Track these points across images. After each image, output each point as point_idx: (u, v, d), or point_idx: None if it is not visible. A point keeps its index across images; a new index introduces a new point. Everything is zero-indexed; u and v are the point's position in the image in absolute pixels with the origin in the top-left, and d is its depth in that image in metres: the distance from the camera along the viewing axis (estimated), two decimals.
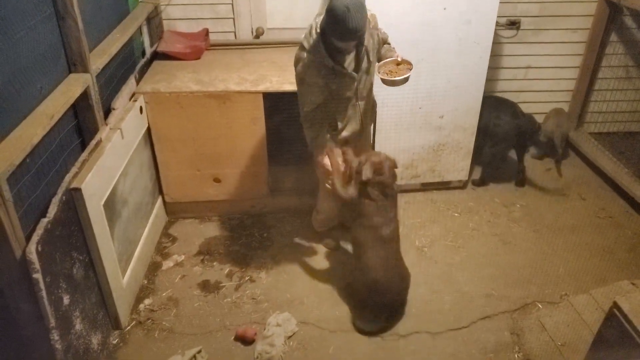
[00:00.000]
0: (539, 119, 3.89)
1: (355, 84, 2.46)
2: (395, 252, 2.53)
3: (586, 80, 3.88)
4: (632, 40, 3.76)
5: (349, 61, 2.40)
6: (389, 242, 2.49)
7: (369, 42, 2.42)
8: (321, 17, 2.31)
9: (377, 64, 2.49)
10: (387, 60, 2.47)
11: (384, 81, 2.45)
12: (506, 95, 3.82)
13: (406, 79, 2.43)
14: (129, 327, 2.55)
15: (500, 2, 2.98)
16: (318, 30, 2.31)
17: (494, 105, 3.55)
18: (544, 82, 3.97)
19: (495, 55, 3.71)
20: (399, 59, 2.46)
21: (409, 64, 2.45)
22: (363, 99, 2.56)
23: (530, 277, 2.87)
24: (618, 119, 3.99)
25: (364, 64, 2.45)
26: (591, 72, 3.84)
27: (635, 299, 1.94)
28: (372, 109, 2.74)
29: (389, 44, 2.60)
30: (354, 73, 2.42)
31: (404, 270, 2.59)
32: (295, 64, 2.39)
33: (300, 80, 2.40)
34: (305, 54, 2.33)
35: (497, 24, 3.38)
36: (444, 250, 3.08)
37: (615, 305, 1.93)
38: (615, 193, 3.56)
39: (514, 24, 3.71)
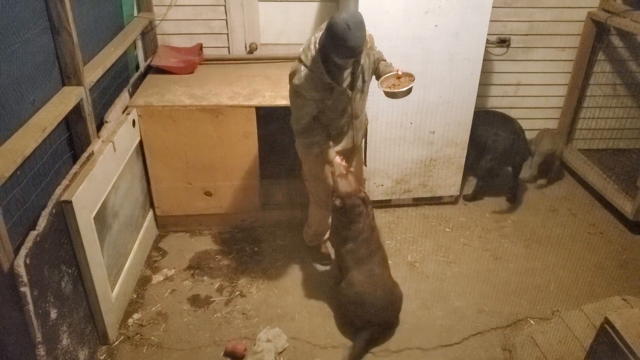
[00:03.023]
0: (529, 135, 3.94)
1: (351, 101, 2.49)
2: (379, 266, 2.53)
3: (575, 98, 3.94)
4: (619, 59, 3.84)
5: (345, 78, 2.42)
6: (368, 260, 2.50)
7: (365, 61, 2.44)
8: (321, 33, 2.33)
9: (380, 78, 2.49)
10: (388, 75, 2.47)
11: (387, 94, 2.44)
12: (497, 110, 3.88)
13: (409, 91, 2.42)
14: (116, 342, 2.52)
15: (490, 21, 3.04)
16: (317, 46, 2.32)
17: (493, 121, 3.59)
18: (533, 99, 4.03)
19: (486, 72, 3.77)
20: (400, 73, 2.47)
21: (410, 76, 2.46)
22: (357, 117, 2.59)
23: (522, 292, 2.88)
24: (606, 136, 4.06)
25: (359, 83, 2.47)
26: (579, 90, 3.91)
27: (627, 314, 1.95)
28: (364, 127, 2.76)
29: (384, 60, 2.63)
30: (348, 90, 2.44)
31: (393, 288, 2.57)
32: (291, 77, 2.39)
33: (295, 93, 2.39)
34: (302, 67, 2.34)
35: (488, 41, 3.45)
36: (436, 265, 3.08)
37: (607, 321, 1.94)
38: (605, 209, 3.60)
39: (504, 42, 3.78)
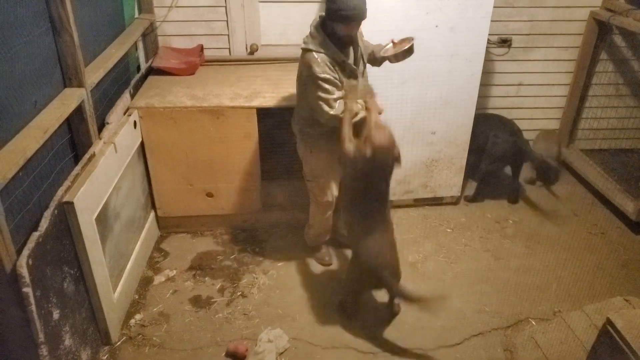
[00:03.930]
0: (531, 135, 3.94)
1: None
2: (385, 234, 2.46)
3: (577, 98, 3.93)
4: (622, 58, 3.82)
5: (351, 60, 2.49)
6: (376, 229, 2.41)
7: (361, 45, 2.54)
8: (317, 22, 2.42)
9: (378, 54, 2.60)
10: (386, 47, 2.56)
11: (389, 58, 2.52)
12: (498, 112, 3.88)
13: (411, 50, 2.49)
14: (119, 343, 2.53)
15: (491, 20, 3.03)
16: (319, 30, 2.39)
17: (492, 123, 3.59)
18: (535, 99, 4.02)
19: (487, 72, 3.76)
20: (396, 41, 2.55)
21: (407, 39, 2.53)
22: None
23: (523, 293, 2.87)
24: (609, 136, 4.04)
25: (360, 66, 2.55)
26: (582, 90, 3.89)
27: (628, 315, 1.95)
28: None
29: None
30: (355, 67, 2.50)
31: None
32: (307, 68, 2.38)
33: (322, 79, 2.36)
34: (315, 54, 2.37)
35: (489, 41, 3.44)
36: (437, 266, 3.08)
37: (609, 321, 1.94)
38: (607, 209, 3.59)
39: (505, 42, 3.77)
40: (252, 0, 3.47)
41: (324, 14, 2.43)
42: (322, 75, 2.36)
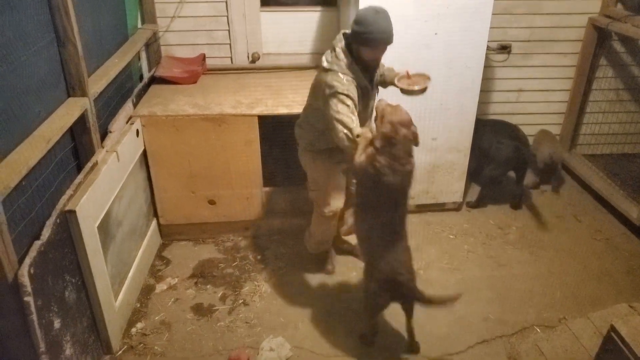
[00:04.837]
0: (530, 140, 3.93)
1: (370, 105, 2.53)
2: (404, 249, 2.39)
3: (577, 103, 3.94)
4: (621, 64, 3.83)
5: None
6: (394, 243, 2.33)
7: (378, 71, 2.53)
8: (341, 44, 2.36)
9: (390, 80, 2.56)
10: (401, 75, 2.53)
11: (404, 91, 2.49)
12: (500, 118, 3.88)
13: (424, 90, 2.47)
14: (120, 352, 2.52)
15: (490, 27, 3.05)
16: (347, 53, 2.34)
17: (496, 128, 3.59)
18: (536, 105, 4.03)
19: (487, 78, 3.78)
20: (411, 73, 2.51)
21: (423, 75, 2.51)
22: (366, 124, 2.61)
23: (527, 300, 2.85)
24: (611, 141, 4.04)
25: (374, 91, 2.54)
26: (582, 95, 3.91)
27: (633, 322, 1.94)
28: None
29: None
30: (372, 94, 2.50)
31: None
32: (329, 86, 2.31)
33: (346, 95, 2.30)
34: (341, 75, 2.32)
35: (488, 48, 3.46)
36: (440, 272, 3.06)
37: (613, 329, 1.93)
38: (611, 215, 3.57)
39: (504, 48, 3.79)
40: (253, 9, 3.51)
41: (348, 31, 2.38)
42: (346, 92, 2.31)
